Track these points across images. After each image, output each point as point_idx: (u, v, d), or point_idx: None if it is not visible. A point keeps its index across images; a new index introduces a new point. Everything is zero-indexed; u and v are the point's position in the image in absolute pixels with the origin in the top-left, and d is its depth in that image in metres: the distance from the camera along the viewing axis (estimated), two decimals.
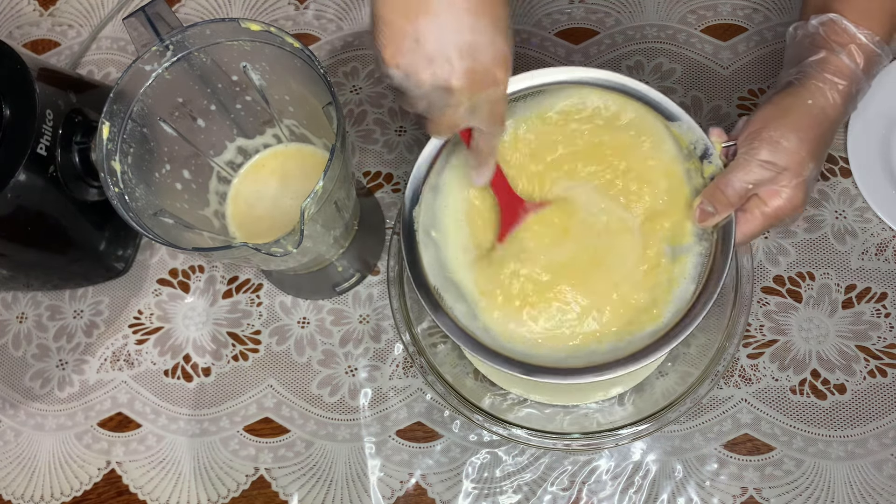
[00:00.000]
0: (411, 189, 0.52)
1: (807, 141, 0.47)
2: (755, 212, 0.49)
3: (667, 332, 0.47)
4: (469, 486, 0.62)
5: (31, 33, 0.85)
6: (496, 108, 0.46)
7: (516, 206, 0.52)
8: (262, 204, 0.65)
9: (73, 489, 0.69)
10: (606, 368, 0.47)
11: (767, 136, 0.47)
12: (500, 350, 0.49)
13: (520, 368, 0.48)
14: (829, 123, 0.48)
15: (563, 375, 0.47)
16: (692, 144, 0.50)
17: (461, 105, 0.44)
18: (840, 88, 0.48)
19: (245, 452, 0.67)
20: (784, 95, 0.49)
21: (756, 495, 0.59)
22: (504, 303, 0.50)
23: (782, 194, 0.48)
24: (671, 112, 0.51)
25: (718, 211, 0.48)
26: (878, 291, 0.62)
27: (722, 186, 0.48)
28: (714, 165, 0.49)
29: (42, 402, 0.72)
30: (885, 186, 0.63)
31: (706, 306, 0.47)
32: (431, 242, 0.52)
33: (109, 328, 0.72)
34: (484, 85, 0.43)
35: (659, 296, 0.49)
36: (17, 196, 0.58)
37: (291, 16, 0.79)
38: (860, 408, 0.60)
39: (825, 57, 0.49)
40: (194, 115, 0.59)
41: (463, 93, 0.43)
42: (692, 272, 0.49)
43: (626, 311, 0.49)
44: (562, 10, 0.74)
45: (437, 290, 0.50)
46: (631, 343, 0.48)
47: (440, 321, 0.49)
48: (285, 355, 0.68)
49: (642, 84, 0.52)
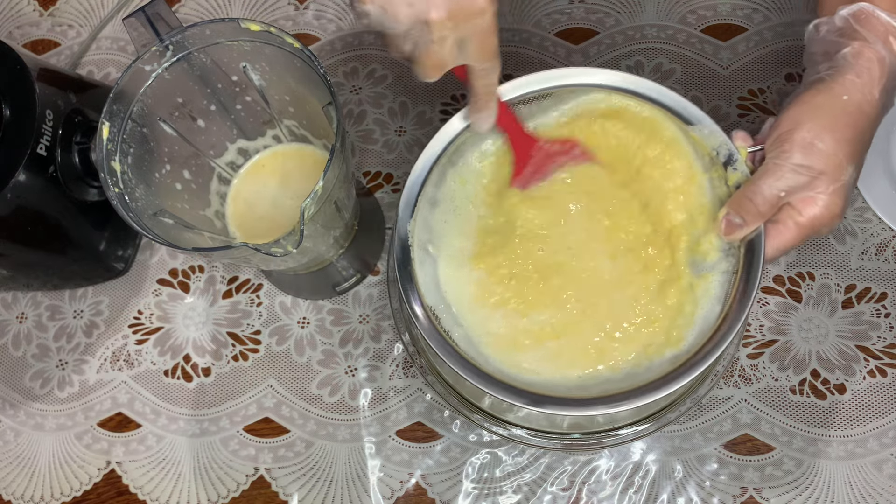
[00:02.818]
0: (405, 201, 0.48)
1: (844, 142, 0.43)
2: (788, 222, 0.44)
3: (689, 358, 0.43)
4: (469, 486, 0.62)
5: (31, 33, 0.85)
6: (485, 41, 0.41)
7: (528, 143, 0.48)
8: (262, 204, 0.65)
9: (73, 489, 0.69)
10: (622, 399, 0.42)
11: (800, 138, 0.43)
12: (503, 378, 0.45)
13: (525, 399, 0.43)
14: (866, 122, 0.44)
15: (575, 406, 0.43)
16: (714, 150, 0.47)
17: (446, 39, 0.40)
18: (878, 82, 0.44)
19: (245, 452, 0.67)
20: (815, 93, 0.44)
21: (756, 495, 0.59)
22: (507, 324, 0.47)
23: (818, 202, 0.44)
24: (690, 115, 0.47)
25: (747, 222, 0.44)
26: (878, 291, 0.62)
27: (750, 195, 0.44)
28: (739, 172, 0.45)
29: (42, 402, 0.72)
30: (885, 186, 0.63)
31: (732, 330, 0.42)
32: (428, 258, 0.49)
33: (109, 328, 0.72)
34: (466, 14, 0.39)
35: (680, 318, 0.46)
36: (17, 196, 0.58)
37: (291, 16, 0.79)
38: (860, 408, 0.60)
39: (859, 49, 0.44)
40: (194, 115, 0.59)
41: (445, 25, 0.39)
42: (717, 292, 0.45)
43: (644, 335, 0.46)
44: (562, 10, 0.74)
45: (433, 311, 0.47)
46: (650, 370, 0.44)
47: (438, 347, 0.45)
48: (285, 355, 0.68)
49: (657, 85, 0.48)
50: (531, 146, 0.49)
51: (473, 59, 0.43)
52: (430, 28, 0.39)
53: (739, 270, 0.44)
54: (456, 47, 0.41)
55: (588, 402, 0.43)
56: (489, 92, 0.46)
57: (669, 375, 0.43)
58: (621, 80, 0.49)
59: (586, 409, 0.43)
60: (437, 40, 0.40)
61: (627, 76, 0.49)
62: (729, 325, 0.43)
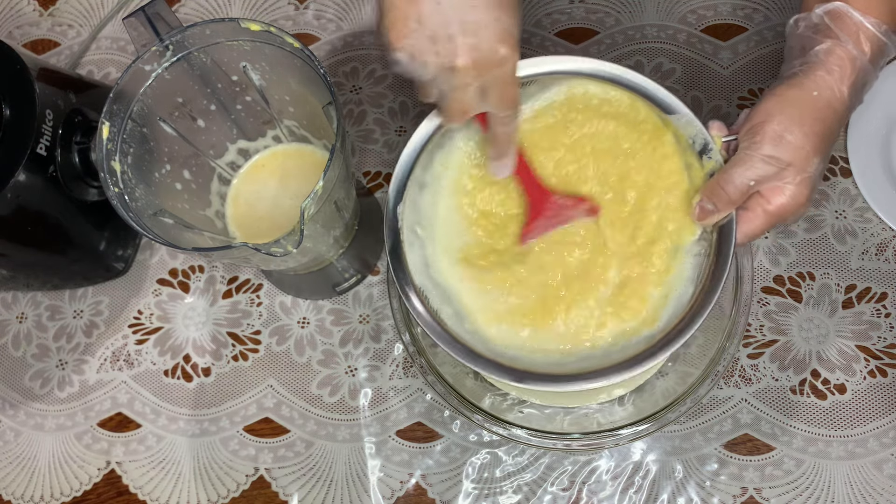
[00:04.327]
0: (395, 185, 0.50)
1: (812, 135, 0.45)
2: (757, 210, 0.47)
3: (662, 338, 0.45)
4: (469, 486, 0.62)
5: (31, 33, 0.85)
6: (506, 90, 0.45)
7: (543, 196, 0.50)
8: (262, 204, 0.65)
9: (73, 489, 0.69)
10: (599, 375, 0.45)
11: (770, 130, 0.45)
12: (489, 355, 0.47)
13: (510, 375, 0.46)
14: (834, 117, 0.46)
15: (555, 382, 0.45)
16: (691, 139, 0.49)
17: (469, 86, 0.43)
18: (847, 79, 0.46)
19: (245, 452, 0.67)
20: (788, 87, 0.47)
21: (756, 495, 0.59)
22: (494, 305, 0.49)
23: (786, 191, 0.46)
24: (669, 105, 0.49)
25: (719, 209, 0.46)
26: (878, 291, 0.62)
27: (722, 183, 0.46)
28: (714, 161, 0.48)
29: (42, 402, 0.72)
30: (885, 186, 0.63)
31: (704, 311, 0.45)
32: (417, 240, 0.50)
33: (109, 328, 0.72)
34: (489, 63, 0.42)
35: (655, 299, 0.48)
36: (17, 196, 0.58)
37: (291, 16, 0.79)
38: (860, 408, 0.60)
39: (831, 47, 0.46)
40: (194, 115, 0.59)
41: (468, 72, 0.42)
42: (690, 273, 0.47)
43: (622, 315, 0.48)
44: (562, 10, 0.74)
45: (422, 292, 0.49)
46: (626, 348, 0.47)
47: (425, 325, 0.47)
48: (285, 355, 0.68)
49: (639, 75, 0.50)
50: (545, 199, 0.50)
51: (494, 106, 0.45)
52: (454, 75, 0.42)
53: (711, 254, 0.47)
54: (478, 94, 0.44)
55: (568, 378, 0.45)
56: (509, 139, 0.48)
57: (644, 353, 0.45)
58: (599, 68, 0.51)
59: (566, 385, 0.45)
60: (461, 87, 0.43)
61: (606, 64, 0.50)
62: (700, 304, 0.45)
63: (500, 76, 0.43)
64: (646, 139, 0.50)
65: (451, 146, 0.53)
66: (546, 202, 0.50)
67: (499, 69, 0.43)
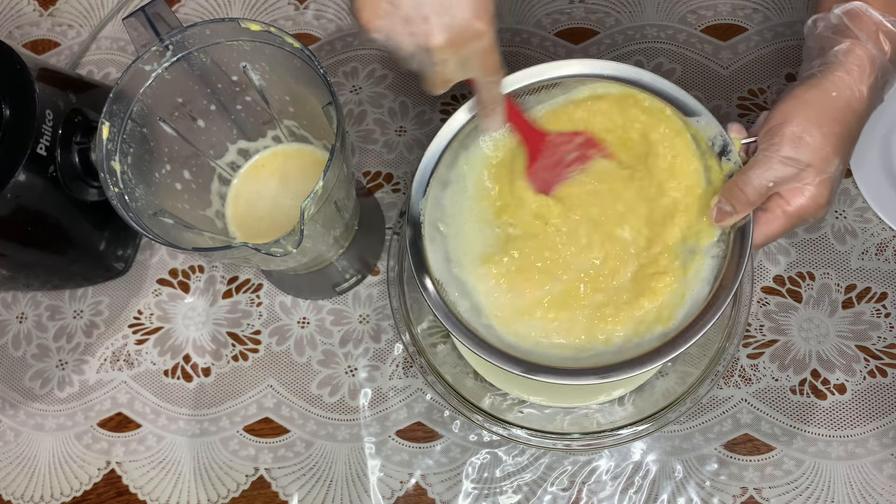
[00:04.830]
0: (418, 181, 0.51)
1: (831, 136, 0.45)
2: (777, 211, 0.47)
3: (676, 336, 0.46)
4: (469, 486, 0.62)
5: (31, 33, 0.85)
6: (486, 59, 0.44)
7: (538, 136, 0.51)
8: (262, 204, 0.65)
9: (73, 489, 0.69)
10: (611, 371, 0.45)
11: (789, 132, 0.45)
12: (502, 347, 0.48)
13: (521, 367, 0.46)
14: (854, 117, 0.46)
15: (566, 376, 0.46)
16: (710, 140, 0.49)
17: (448, 62, 0.43)
18: (867, 79, 0.46)
19: (245, 452, 0.67)
20: (806, 88, 0.46)
21: (756, 495, 0.59)
22: (511, 299, 0.50)
23: (805, 192, 0.46)
24: (689, 107, 0.50)
25: (737, 210, 0.46)
26: (878, 291, 0.62)
27: (741, 184, 0.46)
28: (733, 163, 0.48)
29: (42, 403, 0.72)
30: (885, 186, 0.63)
31: (718, 310, 0.45)
32: (439, 236, 0.51)
33: (109, 328, 0.72)
34: (465, 39, 0.42)
35: (671, 298, 0.48)
36: (17, 196, 0.58)
37: (291, 16, 0.79)
38: (860, 408, 0.60)
39: (850, 46, 0.46)
40: (194, 115, 0.59)
41: (444, 50, 0.42)
42: (707, 274, 0.48)
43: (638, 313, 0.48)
44: (562, 10, 0.74)
45: (440, 284, 0.49)
46: (639, 346, 0.47)
47: (441, 315, 0.48)
48: (285, 355, 0.68)
49: (659, 78, 0.51)
50: (541, 139, 0.51)
51: (477, 74, 0.45)
52: (432, 53, 0.42)
53: (729, 255, 0.47)
54: (459, 66, 0.44)
55: (580, 373, 0.46)
56: (495, 100, 0.49)
57: (657, 351, 0.45)
58: (624, 71, 0.51)
59: (578, 379, 0.45)
60: (440, 62, 0.42)
61: (629, 67, 0.51)
62: (717, 305, 0.46)
63: (478, 49, 0.43)
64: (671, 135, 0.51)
65: (475, 147, 0.53)
66: (542, 141, 0.51)
67: (476, 42, 0.42)
